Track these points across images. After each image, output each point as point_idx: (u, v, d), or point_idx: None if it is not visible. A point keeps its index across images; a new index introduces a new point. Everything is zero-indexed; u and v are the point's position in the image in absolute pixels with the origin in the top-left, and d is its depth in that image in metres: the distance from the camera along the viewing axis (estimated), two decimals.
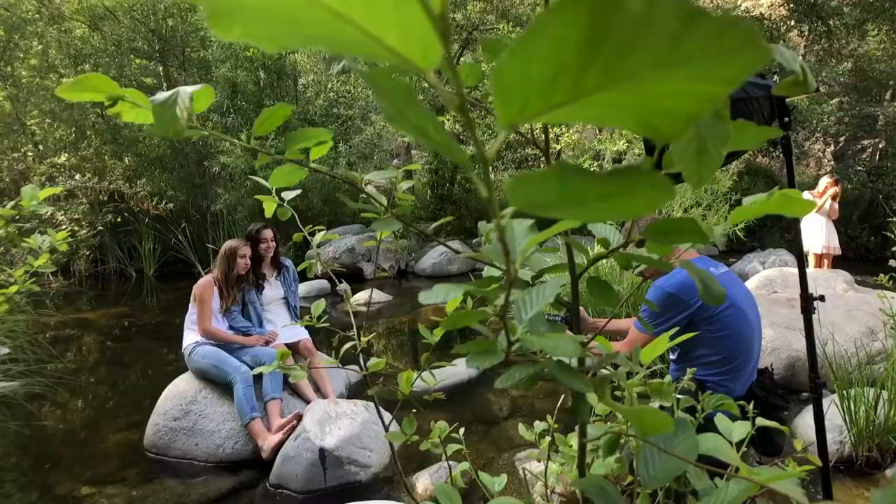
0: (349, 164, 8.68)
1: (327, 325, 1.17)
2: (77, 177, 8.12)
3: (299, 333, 3.49)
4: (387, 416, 3.14)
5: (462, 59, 11.56)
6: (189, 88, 0.53)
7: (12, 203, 1.39)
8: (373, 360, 1.16)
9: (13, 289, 1.51)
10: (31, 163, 8.44)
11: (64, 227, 7.70)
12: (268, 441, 2.79)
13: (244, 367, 3.04)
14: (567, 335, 0.52)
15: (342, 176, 0.92)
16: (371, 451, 2.77)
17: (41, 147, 8.87)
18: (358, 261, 8.27)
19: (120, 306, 7.32)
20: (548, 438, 1.65)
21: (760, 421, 0.97)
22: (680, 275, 1.88)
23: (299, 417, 2.83)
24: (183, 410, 3.04)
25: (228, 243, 3.33)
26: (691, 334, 1.26)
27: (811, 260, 5.85)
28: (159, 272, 9.34)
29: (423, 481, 2.63)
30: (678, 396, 1.08)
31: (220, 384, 3.12)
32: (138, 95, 0.56)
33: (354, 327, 1.20)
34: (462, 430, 1.46)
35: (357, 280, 8.10)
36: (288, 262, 3.70)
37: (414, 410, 3.63)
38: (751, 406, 1.05)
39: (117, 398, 4.05)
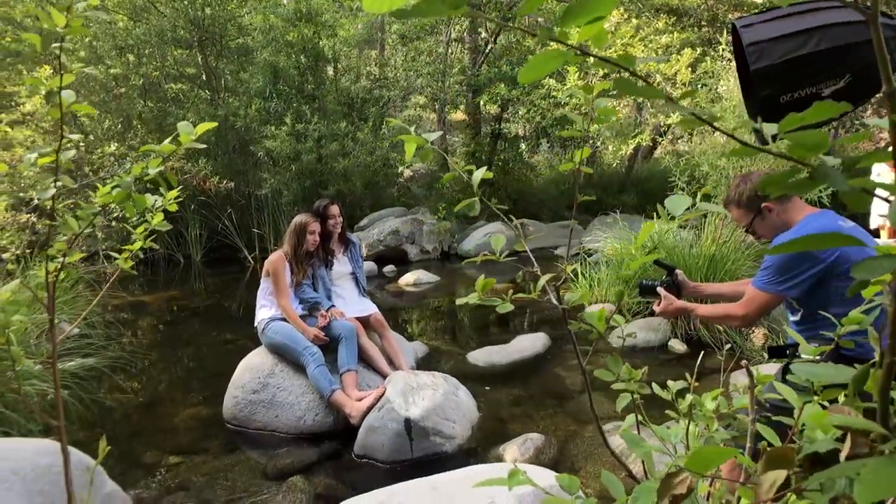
0: (392, 144, 8.64)
1: (510, 259, 1.08)
2: (126, 165, 8.30)
3: (369, 307, 3.47)
4: (462, 388, 3.10)
5: (499, 37, 11.36)
6: None
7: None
8: (569, 295, 1.08)
9: (136, 245, 1.49)
10: (82, 153, 8.64)
11: (115, 213, 7.89)
12: (356, 407, 2.78)
13: (314, 348, 3.02)
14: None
15: None
16: (454, 422, 2.73)
17: (91, 137, 9.06)
18: (402, 243, 8.25)
19: (171, 290, 7.47)
20: (689, 397, 1.56)
21: None
22: (810, 227, 1.76)
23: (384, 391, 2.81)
24: (261, 383, 3.06)
25: (298, 218, 3.31)
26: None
27: (884, 234, 5.57)
28: (206, 257, 9.51)
29: (511, 452, 2.59)
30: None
31: None
32: None
33: (535, 264, 1.13)
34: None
35: (402, 262, 8.10)
36: (354, 238, 3.67)
37: (487, 388, 3.58)
38: None
39: (186, 373, 4.12)
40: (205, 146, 1.78)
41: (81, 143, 9.05)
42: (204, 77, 10.40)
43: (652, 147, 13.83)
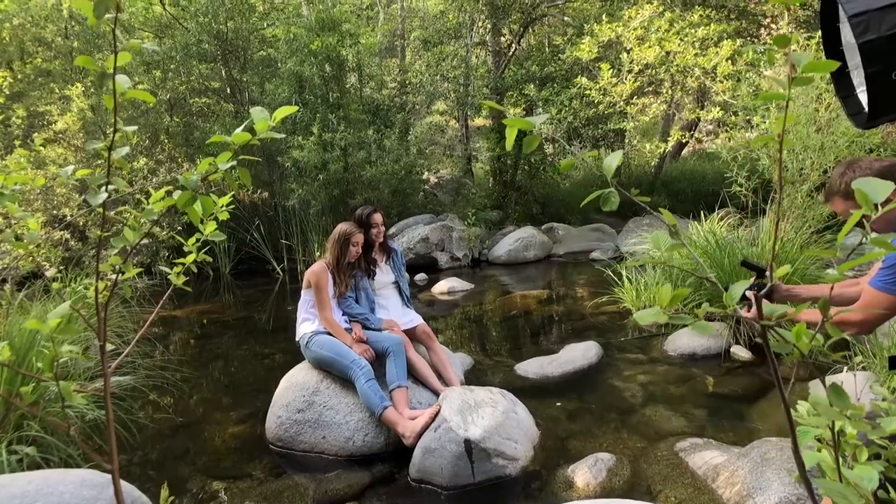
0: (419, 151, 8.50)
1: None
2: (154, 180, 8.31)
3: (414, 319, 3.29)
4: (519, 404, 2.89)
5: (523, 39, 11.19)
6: None
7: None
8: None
9: (190, 258, 1.33)
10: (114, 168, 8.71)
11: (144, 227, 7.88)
12: (410, 427, 2.59)
13: (363, 361, 2.85)
14: None
15: None
16: (516, 442, 2.53)
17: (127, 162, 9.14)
18: (432, 250, 8.08)
19: (202, 304, 7.41)
20: (837, 423, 1.32)
21: None
22: None
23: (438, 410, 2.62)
24: (306, 402, 2.89)
25: (340, 227, 3.15)
26: None
27: None
28: (234, 270, 9.47)
29: (583, 475, 2.37)
30: None
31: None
32: None
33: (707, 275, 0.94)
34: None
35: (432, 270, 7.92)
36: (396, 246, 3.51)
37: (542, 402, 3.34)
38: None
39: (224, 390, 3.99)
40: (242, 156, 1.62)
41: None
42: (228, 90, 10.44)
43: (680, 146, 13.47)
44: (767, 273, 2.10)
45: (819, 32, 3.57)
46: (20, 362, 2.44)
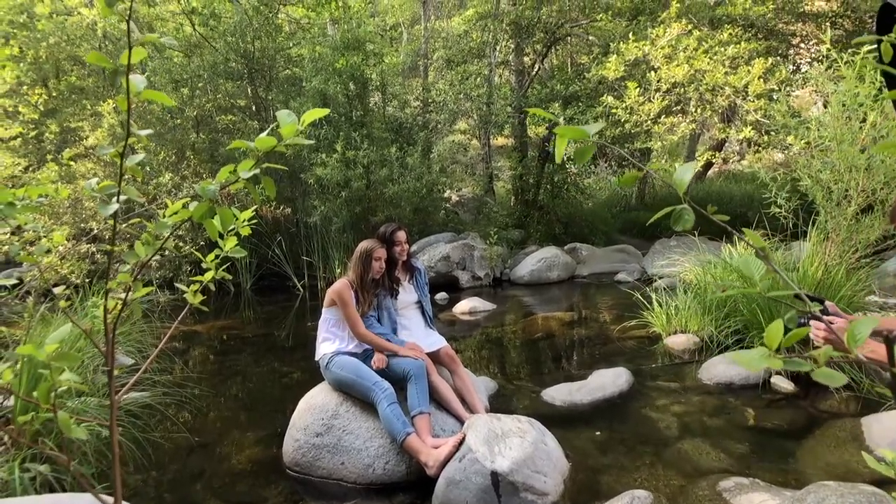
0: (441, 169, 8.46)
1: None
2: (179, 195, 8.40)
3: (438, 341, 3.17)
4: (548, 434, 2.73)
5: (546, 58, 11.18)
6: None
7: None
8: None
9: (209, 275, 1.25)
10: (139, 184, 8.84)
11: (160, 241, 7.96)
12: (433, 456, 2.46)
13: (385, 383, 2.74)
14: None
15: None
16: (545, 475, 2.37)
17: (148, 168, 9.28)
18: (453, 269, 7.97)
19: (222, 319, 7.39)
20: None
21: None
22: None
23: (463, 438, 2.49)
24: (325, 425, 2.78)
25: (364, 245, 3.07)
26: None
27: None
28: (255, 286, 9.48)
29: None
30: None
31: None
32: None
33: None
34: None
35: (453, 289, 7.81)
36: (419, 265, 3.40)
37: (588, 431, 3.17)
38: None
39: (242, 409, 3.90)
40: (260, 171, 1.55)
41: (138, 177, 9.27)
42: (254, 108, 10.59)
43: (707, 167, 13.23)
44: (826, 303, 1.92)
45: (864, 48, 3.41)
46: (35, 381, 2.38)
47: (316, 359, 3.06)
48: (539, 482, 2.32)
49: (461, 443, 2.45)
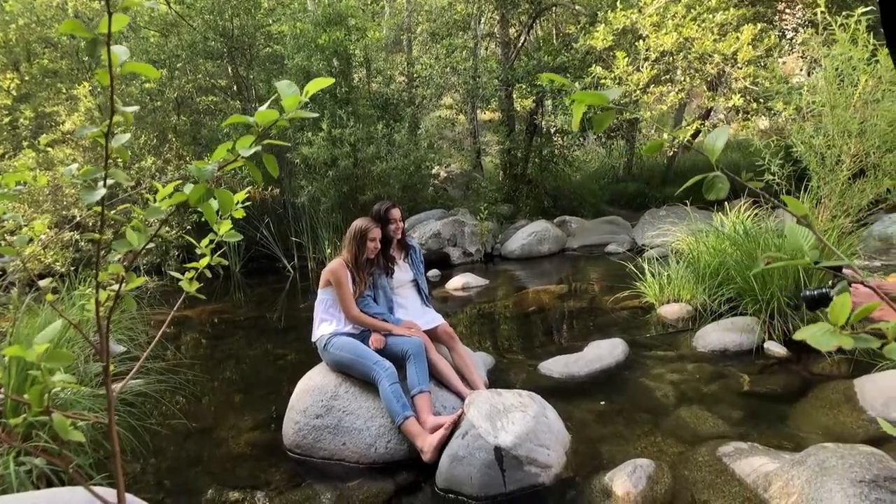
0: (429, 145, 8.34)
1: None
2: (163, 178, 8.22)
3: (435, 319, 3.15)
4: (549, 407, 2.74)
5: (532, 30, 10.99)
6: None
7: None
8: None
9: (204, 261, 1.20)
10: (123, 168, 8.64)
11: (152, 227, 7.81)
12: (427, 441, 2.46)
13: (386, 362, 2.72)
14: None
15: None
16: (549, 448, 2.38)
17: (129, 153, 9.07)
18: (444, 246, 7.94)
19: (213, 303, 7.31)
20: None
21: None
22: None
23: (461, 415, 2.48)
24: (325, 407, 2.77)
25: (357, 223, 3.01)
26: None
27: None
28: (244, 268, 9.38)
29: (622, 484, 2.22)
30: None
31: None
32: None
33: None
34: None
35: (445, 266, 7.78)
36: (414, 243, 3.36)
37: (587, 402, 3.18)
38: None
39: (238, 393, 3.88)
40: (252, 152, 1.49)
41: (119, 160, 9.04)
42: (235, 88, 10.33)
43: (693, 136, 13.21)
44: (845, 270, 1.87)
45: (858, 10, 3.36)
46: (25, 377, 2.32)
47: (313, 340, 3.03)
48: (542, 455, 2.34)
49: (457, 422, 2.45)
